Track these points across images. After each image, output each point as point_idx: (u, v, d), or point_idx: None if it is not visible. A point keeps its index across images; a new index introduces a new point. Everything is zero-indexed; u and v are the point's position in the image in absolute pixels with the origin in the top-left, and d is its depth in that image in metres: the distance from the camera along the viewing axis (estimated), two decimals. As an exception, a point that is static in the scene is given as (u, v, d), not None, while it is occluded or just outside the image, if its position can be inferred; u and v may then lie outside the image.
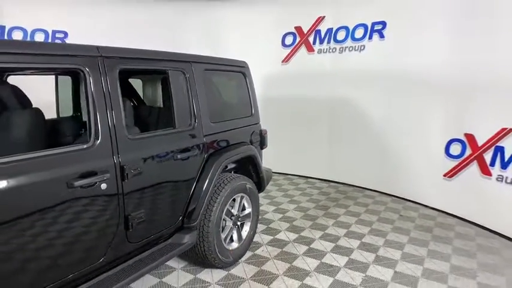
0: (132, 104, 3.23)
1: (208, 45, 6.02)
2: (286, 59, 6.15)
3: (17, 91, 2.48)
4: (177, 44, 5.76)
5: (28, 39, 5.78)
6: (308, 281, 2.98)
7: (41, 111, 2.24)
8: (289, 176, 6.30)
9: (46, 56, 1.85)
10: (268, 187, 5.52)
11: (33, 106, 2.42)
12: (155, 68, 2.57)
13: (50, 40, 5.97)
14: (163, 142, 2.52)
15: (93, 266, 2.07)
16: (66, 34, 6.05)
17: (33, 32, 5.82)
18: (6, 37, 5.61)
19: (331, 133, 5.88)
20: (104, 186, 2.06)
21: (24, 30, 5.75)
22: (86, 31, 6.01)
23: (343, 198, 5.18)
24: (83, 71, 2.02)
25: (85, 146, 2.00)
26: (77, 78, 2.19)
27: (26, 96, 2.51)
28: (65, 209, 1.88)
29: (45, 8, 5.82)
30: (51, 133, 2.79)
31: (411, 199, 4.98)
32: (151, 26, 6.14)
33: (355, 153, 5.59)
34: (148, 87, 3.49)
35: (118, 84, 2.19)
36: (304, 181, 6.06)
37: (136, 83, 3.64)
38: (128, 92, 3.42)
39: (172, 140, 2.60)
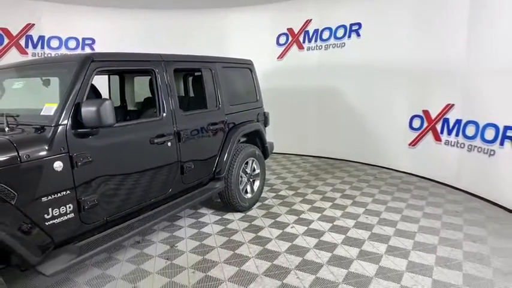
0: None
1: (215, 46, 7.13)
2: (281, 56, 7.31)
3: (94, 87, 3.63)
4: (188, 45, 6.88)
5: (63, 46, 6.87)
6: (303, 215, 4.18)
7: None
8: (286, 155, 7.49)
9: (136, 61, 3.02)
10: (269, 163, 6.69)
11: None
12: (194, 67, 3.74)
13: (80, 46, 7.06)
14: (201, 118, 3.70)
15: (164, 195, 3.25)
16: (93, 41, 7.15)
17: (67, 40, 6.91)
18: (45, 45, 6.69)
19: (319, 117, 7.06)
20: (169, 144, 3.23)
21: (60, 39, 6.83)
22: (111, 38, 7.10)
23: (330, 168, 6.38)
24: (154, 70, 3.18)
25: (157, 118, 3.17)
26: (150, 75, 3.29)
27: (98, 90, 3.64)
28: (149, 156, 3.05)
29: (76, 19, 6.90)
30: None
31: (385, 166, 6.20)
32: (169, 31, 7.22)
33: (339, 132, 6.79)
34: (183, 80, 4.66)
35: (173, 79, 3.36)
36: (298, 158, 7.26)
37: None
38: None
39: (206, 116, 3.77)
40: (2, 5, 6.05)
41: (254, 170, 4.55)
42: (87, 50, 7.05)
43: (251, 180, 4.48)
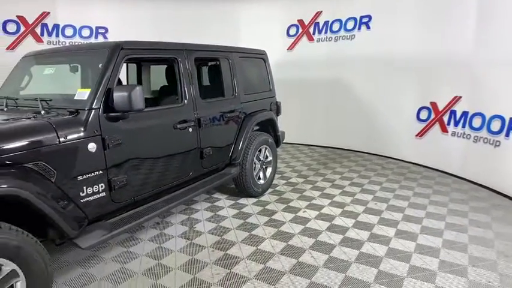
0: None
1: (226, 36, 7.18)
2: (291, 47, 7.42)
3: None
4: (200, 35, 6.96)
5: (77, 35, 6.99)
6: (314, 201, 4.35)
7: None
8: (294, 144, 7.64)
9: (160, 50, 3.16)
10: (278, 152, 6.82)
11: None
12: (213, 56, 3.88)
13: (93, 35, 7.18)
14: (219, 105, 3.84)
15: (185, 177, 3.42)
16: (106, 30, 7.26)
17: (81, 28, 7.02)
18: (60, 33, 6.81)
19: (327, 107, 7.18)
20: (190, 129, 3.38)
21: (74, 27, 6.95)
22: (123, 27, 7.21)
23: (338, 157, 6.53)
24: (176, 59, 3.32)
25: (180, 105, 3.32)
26: (173, 63, 3.42)
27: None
28: (173, 140, 3.21)
29: (90, 8, 7.01)
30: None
31: (392, 156, 6.34)
32: (180, 20, 7.32)
33: (347, 123, 6.92)
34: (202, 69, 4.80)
35: (194, 67, 3.50)
36: (306, 148, 7.41)
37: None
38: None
39: (223, 105, 3.91)
40: (18, -7, 6.17)
41: (267, 157, 4.70)
42: (100, 39, 7.17)
43: (264, 167, 4.64)
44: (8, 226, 1.97)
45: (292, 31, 7.40)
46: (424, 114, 5.73)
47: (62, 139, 2.34)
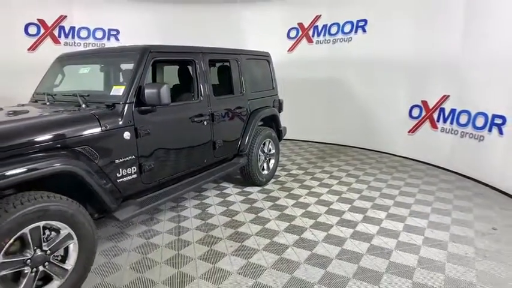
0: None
1: (230, 38, 7.65)
2: (291, 49, 7.87)
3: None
4: (205, 37, 7.40)
5: (91, 36, 7.43)
6: (313, 189, 4.80)
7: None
8: (293, 141, 8.08)
9: (181, 53, 3.61)
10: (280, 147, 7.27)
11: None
12: (224, 58, 4.32)
13: (106, 36, 7.61)
14: (229, 102, 4.29)
15: (200, 165, 3.86)
16: (118, 31, 7.69)
17: (95, 30, 7.45)
18: (76, 35, 7.24)
19: (325, 106, 7.63)
20: (205, 123, 3.83)
21: (88, 29, 7.38)
22: (134, 29, 7.65)
23: (336, 152, 6.99)
24: (194, 61, 3.76)
25: (197, 101, 3.77)
26: (190, 65, 3.86)
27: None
28: (191, 131, 3.66)
29: (103, 12, 7.44)
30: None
31: (386, 151, 6.80)
32: (186, 23, 7.77)
33: (344, 120, 7.37)
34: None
35: (208, 68, 3.94)
36: (305, 144, 7.86)
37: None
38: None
39: (233, 101, 4.36)
40: (39, -3, 6.61)
41: (270, 150, 5.14)
42: (112, 40, 7.60)
43: (267, 158, 5.09)
44: (66, 198, 2.40)
45: (293, 34, 7.85)
46: (415, 112, 6.18)
47: (103, 128, 2.78)
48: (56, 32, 6.90)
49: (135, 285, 2.70)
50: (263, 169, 5.01)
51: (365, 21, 6.82)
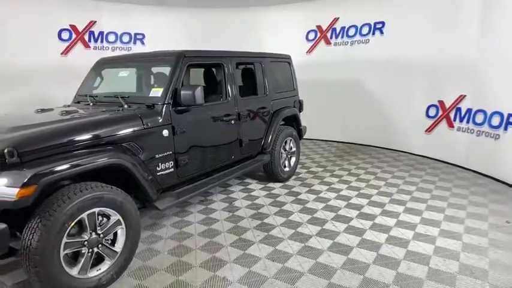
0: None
1: (250, 41, 7.92)
2: (310, 50, 8.10)
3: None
4: (226, 41, 7.70)
5: (118, 40, 7.82)
6: (333, 186, 5.03)
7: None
8: (312, 140, 8.31)
9: (212, 57, 3.91)
10: (299, 145, 7.52)
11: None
12: (249, 61, 4.60)
13: (132, 40, 7.99)
14: (254, 102, 4.56)
15: (229, 160, 4.16)
16: (143, 36, 8.07)
17: (122, 34, 7.84)
18: (104, 39, 7.64)
19: (344, 106, 7.83)
20: (232, 122, 4.11)
21: (116, 34, 7.77)
22: (158, 33, 8.01)
23: (354, 151, 7.19)
24: (223, 64, 4.05)
25: (225, 101, 4.06)
26: (219, 68, 4.16)
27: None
28: (220, 129, 3.95)
29: (129, 17, 7.82)
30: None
31: (403, 150, 6.96)
32: (207, 27, 8.09)
33: (361, 120, 7.56)
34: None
35: (235, 71, 4.23)
36: (323, 143, 8.08)
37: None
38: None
39: (257, 102, 4.64)
40: (71, 4, 7.01)
41: (291, 148, 5.40)
42: (138, 44, 7.99)
43: (288, 156, 5.34)
44: (115, 188, 2.72)
45: (311, 36, 8.08)
46: (432, 112, 6.34)
47: (145, 126, 3.09)
48: (86, 37, 7.31)
49: (174, 268, 3.00)
50: (284, 166, 5.27)
51: (382, 23, 7.00)
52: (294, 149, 5.43)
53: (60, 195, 2.39)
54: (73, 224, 2.44)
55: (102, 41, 7.58)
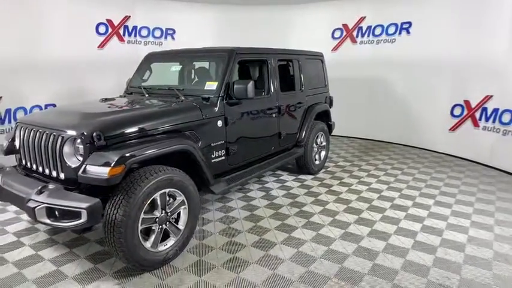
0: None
1: (278, 38, 8.16)
2: (335, 48, 8.29)
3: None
4: (255, 37, 7.94)
5: (150, 35, 8.11)
6: (362, 179, 5.26)
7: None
8: (335, 136, 8.52)
9: (258, 54, 4.16)
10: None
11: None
12: (289, 58, 4.84)
13: (163, 35, 8.27)
14: (291, 97, 4.81)
15: (269, 152, 4.42)
16: (174, 31, 8.33)
17: (154, 29, 8.12)
18: (137, 34, 7.93)
19: (368, 103, 8.03)
20: (274, 115, 4.37)
21: (148, 29, 8.06)
22: (188, 29, 8.28)
23: (377, 147, 7.40)
24: (267, 60, 4.30)
25: (268, 96, 4.31)
26: (263, 64, 4.41)
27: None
28: (263, 121, 4.20)
29: (161, 12, 8.09)
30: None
31: (426, 148, 7.15)
32: (236, 24, 8.34)
33: (386, 118, 7.75)
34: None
35: (277, 68, 4.47)
36: (346, 139, 8.29)
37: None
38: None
39: (294, 97, 4.88)
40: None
41: (322, 142, 5.64)
42: (169, 39, 8.26)
43: (319, 150, 5.58)
44: (181, 171, 2.99)
45: (337, 34, 8.27)
46: (457, 111, 6.51)
47: (204, 116, 3.36)
48: (121, 31, 7.60)
49: (228, 246, 3.27)
50: (315, 159, 5.51)
51: (409, 23, 7.16)
52: (324, 144, 5.67)
53: (139, 176, 2.67)
54: (149, 201, 2.72)
55: (135, 36, 7.86)
